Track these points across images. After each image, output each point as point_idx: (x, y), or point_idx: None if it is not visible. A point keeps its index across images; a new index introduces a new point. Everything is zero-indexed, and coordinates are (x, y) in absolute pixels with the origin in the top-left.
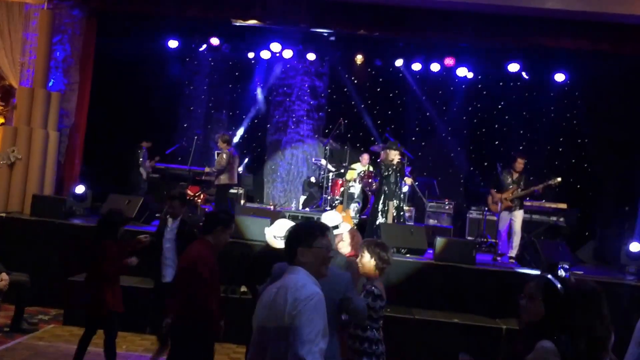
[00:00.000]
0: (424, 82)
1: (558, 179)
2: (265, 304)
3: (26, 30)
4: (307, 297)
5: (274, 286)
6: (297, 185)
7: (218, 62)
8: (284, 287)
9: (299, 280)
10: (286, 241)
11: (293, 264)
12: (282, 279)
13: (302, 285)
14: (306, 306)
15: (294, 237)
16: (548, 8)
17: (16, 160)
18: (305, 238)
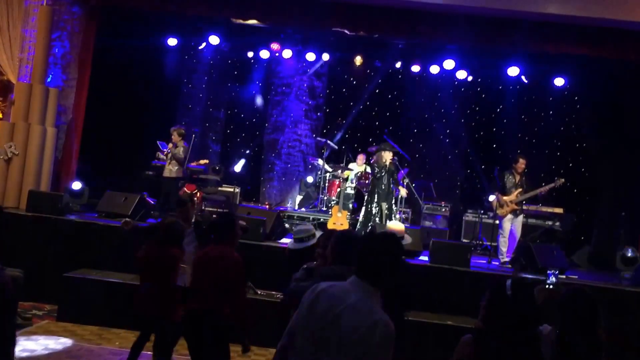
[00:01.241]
0: (423, 84)
1: (562, 180)
2: (329, 312)
3: (25, 26)
4: (389, 337)
5: (338, 295)
6: (293, 185)
7: (217, 61)
8: (360, 310)
9: (377, 309)
10: (381, 256)
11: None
12: (349, 293)
13: (381, 319)
14: (386, 346)
15: (397, 257)
16: (549, 13)
17: (13, 155)
18: (400, 262)
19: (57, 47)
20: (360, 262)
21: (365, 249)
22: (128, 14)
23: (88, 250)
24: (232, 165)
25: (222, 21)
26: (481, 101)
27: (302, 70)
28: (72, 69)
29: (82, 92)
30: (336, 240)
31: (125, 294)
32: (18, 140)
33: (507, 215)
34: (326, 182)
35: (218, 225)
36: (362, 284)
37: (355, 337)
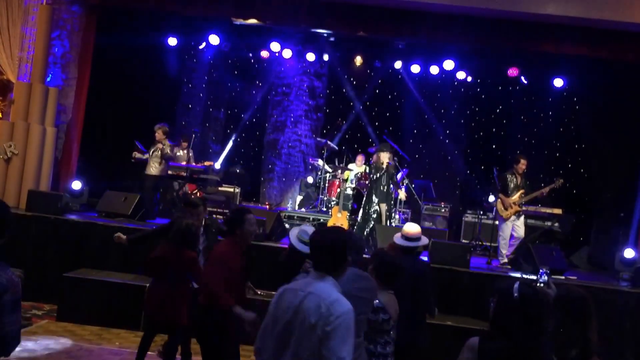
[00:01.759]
0: (423, 84)
1: (561, 180)
2: (291, 306)
3: (25, 25)
4: (342, 314)
5: (299, 289)
6: (293, 185)
7: (217, 61)
8: (316, 295)
9: (332, 292)
10: (328, 248)
11: (326, 272)
12: (310, 284)
13: (337, 300)
14: (342, 324)
15: (343, 246)
16: (548, 14)
17: (13, 155)
18: (348, 251)
19: (56, 46)
20: (313, 254)
21: (314, 242)
22: (128, 13)
23: (88, 250)
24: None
25: (222, 21)
26: (481, 102)
27: (302, 71)
28: (72, 68)
29: (82, 92)
30: None
31: (125, 294)
32: (18, 140)
33: (510, 217)
34: (326, 182)
35: (228, 220)
36: (318, 274)
37: (313, 320)
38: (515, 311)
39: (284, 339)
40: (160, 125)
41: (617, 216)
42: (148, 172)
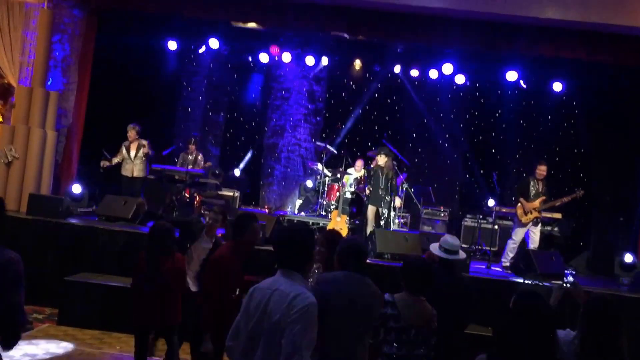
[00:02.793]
0: (422, 88)
1: (582, 190)
2: (260, 304)
3: (26, 29)
4: (304, 306)
5: (267, 287)
6: (293, 189)
7: (216, 64)
8: (281, 292)
9: (296, 287)
10: (293, 244)
11: (290, 268)
12: (277, 282)
13: (300, 293)
14: (303, 315)
15: (307, 242)
16: (547, 18)
17: (13, 159)
18: (312, 245)
19: (57, 50)
20: (279, 252)
21: (280, 239)
22: (128, 17)
23: (88, 253)
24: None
25: (221, 24)
26: (480, 106)
27: (301, 74)
28: (73, 72)
29: (83, 95)
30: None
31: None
32: (18, 144)
33: (528, 223)
34: (325, 186)
35: (232, 224)
36: (285, 271)
37: (278, 315)
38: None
39: (254, 338)
40: (134, 125)
41: (617, 221)
42: (137, 174)
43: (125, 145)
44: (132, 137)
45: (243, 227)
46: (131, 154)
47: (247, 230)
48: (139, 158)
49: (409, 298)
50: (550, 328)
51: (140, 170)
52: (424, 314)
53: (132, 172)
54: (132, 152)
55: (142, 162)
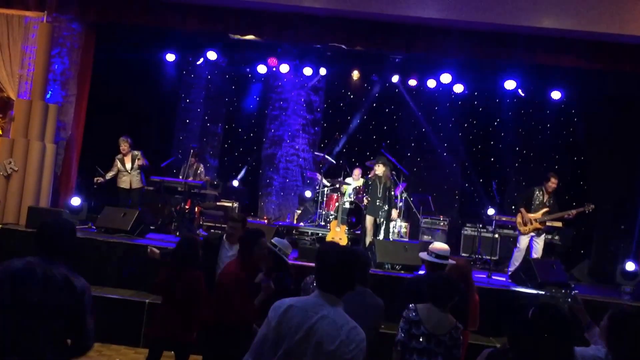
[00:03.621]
0: (420, 98)
1: (592, 205)
2: (302, 326)
3: (25, 42)
4: (361, 341)
5: (309, 309)
6: (292, 199)
7: (215, 76)
8: (331, 320)
9: (347, 319)
10: (341, 269)
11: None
12: (320, 306)
13: (354, 327)
14: (362, 350)
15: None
16: (544, 27)
17: (13, 172)
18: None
19: (56, 64)
20: (320, 275)
21: (322, 263)
22: (127, 30)
23: (87, 266)
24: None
25: (219, 37)
26: (478, 114)
27: (299, 85)
28: (72, 85)
29: (81, 108)
30: None
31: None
32: (17, 157)
33: (528, 233)
34: (324, 196)
35: (241, 239)
36: (328, 296)
37: (332, 347)
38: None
39: (292, 357)
40: (125, 138)
41: (618, 229)
42: (135, 186)
43: (119, 159)
44: (125, 149)
45: (251, 243)
46: (127, 166)
47: (255, 245)
48: (135, 169)
49: (432, 308)
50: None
51: (138, 181)
52: (446, 324)
53: (130, 184)
54: (127, 164)
55: (138, 174)
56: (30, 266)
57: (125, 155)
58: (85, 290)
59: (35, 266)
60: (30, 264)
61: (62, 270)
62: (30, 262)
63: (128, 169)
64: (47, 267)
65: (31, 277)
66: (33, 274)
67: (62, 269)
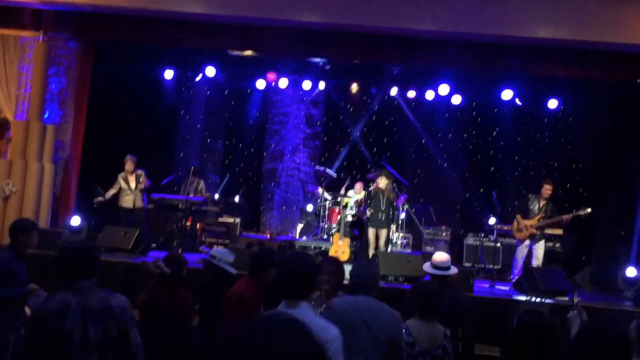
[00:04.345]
0: (419, 109)
1: (588, 209)
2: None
3: (21, 62)
4: (334, 338)
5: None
6: (294, 213)
7: (214, 92)
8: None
9: (317, 319)
10: (298, 274)
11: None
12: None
13: (325, 326)
14: (336, 349)
15: (312, 270)
16: (539, 37)
17: (11, 193)
18: (317, 273)
19: (53, 83)
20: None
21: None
22: (124, 48)
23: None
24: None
25: (218, 53)
26: (477, 125)
27: (298, 99)
28: (69, 104)
29: (80, 127)
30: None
31: None
32: (16, 178)
33: (525, 240)
34: (326, 210)
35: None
36: (293, 302)
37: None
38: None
39: None
40: (131, 157)
41: (618, 235)
42: (138, 205)
43: (122, 177)
44: (130, 168)
45: (268, 265)
46: (131, 185)
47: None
48: (139, 189)
49: (420, 323)
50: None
51: (141, 200)
52: (436, 337)
53: (134, 204)
54: (132, 183)
55: (141, 193)
56: (65, 306)
57: (130, 174)
58: (125, 308)
59: (70, 302)
60: (64, 302)
61: (98, 294)
62: (65, 300)
63: (132, 188)
64: (81, 299)
65: (68, 316)
66: (69, 312)
67: (97, 293)
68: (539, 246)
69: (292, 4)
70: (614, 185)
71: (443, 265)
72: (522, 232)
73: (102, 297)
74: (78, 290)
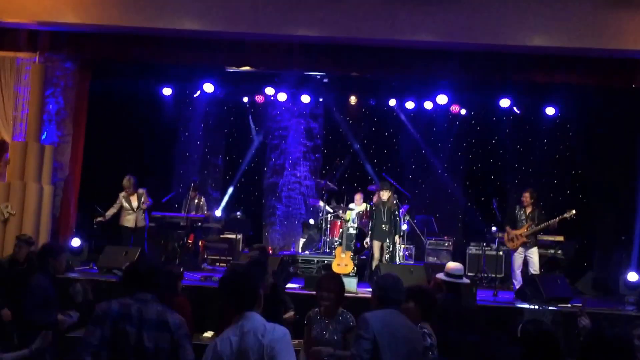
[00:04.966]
0: (418, 120)
1: (572, 211)
2: (231, 353)
3: (18, 84)
4: (283, 335)
5: (231, 335)
6: (296, 227)
7: (212, 108)
8: (251, 332)
9: (266, 323)
10: (242, 287)
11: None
12: (239, 327)
13: (273, 327)
14: (284, 344)
15: (253, 283)
16: (534, 45)
17: (10, 216)
18: (259, 285)
19: (51, 104)
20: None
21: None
22: (121, 66)
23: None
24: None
25: (215, 69)
26: (476, 134)
27: (297, 113)
28: (67, 124)
29: (78, 147)
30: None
31: None
32: (14, 200)
33: (517, 249)
34: (328, 223)
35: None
36: (242, 314)
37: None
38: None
39: None
40: (130, 177)
41: (619, 239)
42: (140, 224)
43: (124, 197)
44: (130, 188)
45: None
46: (133, 205)
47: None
48: (141, 208)
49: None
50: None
51: (143, 219)
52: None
53: (135, 223)
54: (133, 202)
55: (143, 212)
56: (126, 309)
57: (131, 194)
58: (180, 325)
59: (131, 307)
60: (126, 306)
61: (156, 307)
62: (126, 304)
63: (134, 207)
64: (142, 307)
65: (128, 319)
66: (129, 316)
67: (156, 307)
68: (532, 253)
69: (288, 18)
70: (612, 190)
71: (457, 273)
72: (514, 241)
73: (159, 311)
74: (138, 299)
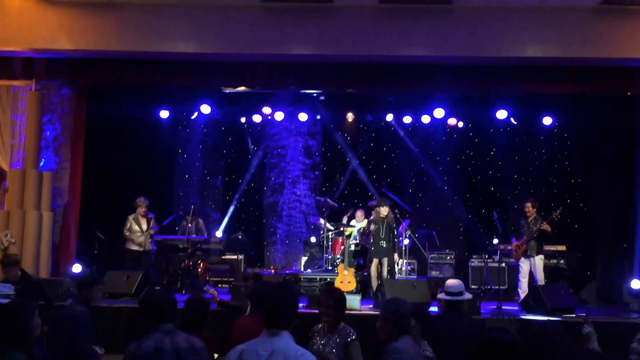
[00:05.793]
0: (416, 134)
1: (558, 210)
2: None
3: (15, 111)
4: None
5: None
6: (297, 246)
7: (210, 129)
8: (281, 353)
9: (296, 347)
10: (279, 305)
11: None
12: (270, 342)
13: (304, 353)
14: None
15: (291, 301)
16: (528, 56)
17: (10, 244)
18: (296, 304)
19: (48, 130)
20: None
21: (269, 301)
22: (118, 90)
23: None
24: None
25: (212, 90)
26: (474, 146)
27: (295, 131)
28: (65, 150)
29: (77, 172)
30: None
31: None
32: (14, 228)
33: (521, 258)
34: (329, 241)
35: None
36: (274, 331)
37: None
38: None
39: None
40: (144, 199)
41: (620, 247)
42: (147, 248)
43: (133, 218)
44: (143, 211)
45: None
46: (143, 227)
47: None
48: (149, 232)
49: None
50: None
51: (149, 243)
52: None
53: (144, 246)
54: (143, 225)
55: (150, 236)
56: (159, 344)
57: (142, 217)
58: (205, 348)
59: (163, 341)
60: (158, 341)
61: (182, 335)
62: (158, 339)
63: (144, 230)
64: (172, 339)
65: (164, 354)
66: (163, 350)
67: (181, 334)
68: (536, 263)
69: (282, 38)
70: (612, 198)
71: (456, 290)
72: (516, 252)
73: (186, 338)
74: (166, 331)
